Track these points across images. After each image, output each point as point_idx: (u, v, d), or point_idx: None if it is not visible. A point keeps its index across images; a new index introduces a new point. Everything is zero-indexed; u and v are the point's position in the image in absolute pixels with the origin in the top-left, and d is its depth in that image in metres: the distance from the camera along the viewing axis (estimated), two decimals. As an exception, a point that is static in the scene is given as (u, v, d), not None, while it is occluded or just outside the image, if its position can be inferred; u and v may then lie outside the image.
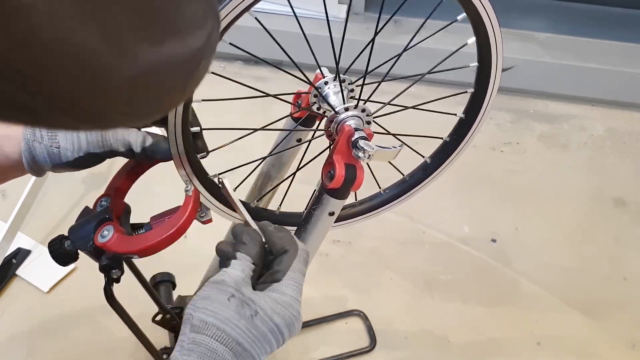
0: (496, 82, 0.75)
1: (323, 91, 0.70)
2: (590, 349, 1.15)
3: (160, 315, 0.95)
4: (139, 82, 0.28)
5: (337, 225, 0.82)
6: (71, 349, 1.10)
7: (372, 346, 1.15)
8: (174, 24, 0.29)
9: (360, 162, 0.64)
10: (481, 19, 0.68)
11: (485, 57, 0.73)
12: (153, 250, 0.64)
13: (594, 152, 1.62)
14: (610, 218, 1.43)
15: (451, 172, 0.86)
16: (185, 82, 0.32)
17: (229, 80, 0.68)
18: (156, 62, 0.28)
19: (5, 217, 1.25)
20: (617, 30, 1.85)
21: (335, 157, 0.64)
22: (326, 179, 0.66)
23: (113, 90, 0.28)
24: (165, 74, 0.30)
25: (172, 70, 0.30)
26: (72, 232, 0.67)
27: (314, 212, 0.68)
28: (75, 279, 1.22)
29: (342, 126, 0.65)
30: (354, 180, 0.64)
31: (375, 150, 0.61)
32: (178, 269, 1.02)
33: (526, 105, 1.78)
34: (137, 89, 0.29)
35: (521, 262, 1.31)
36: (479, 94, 0.77)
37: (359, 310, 1.20)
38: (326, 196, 0.67)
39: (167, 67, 0.29)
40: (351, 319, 1.19)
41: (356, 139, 0.63)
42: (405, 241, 1.34)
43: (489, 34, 0.69)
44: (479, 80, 0.76)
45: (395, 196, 0.85)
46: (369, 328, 1.17)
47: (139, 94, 0.29)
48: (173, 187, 0.76)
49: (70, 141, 0.63)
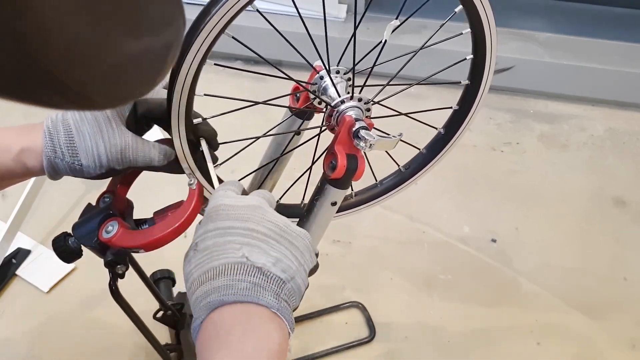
0: (489, 75, 0.76)
1: (322, 84, 0.70)
2: (590, 349, 1.15)
3: (162, 312, 0.95)
4: (120, 70, 0.33)
5: (338, 216, 0.84)
6: (71, 348, 1.10)
7: (372, 337, 1.15)
8: (152, 21, 0.34)
9: (361, 152, 0.66)
10: (477, 11, 0.68)
11: (479, 48, 0.73)
12: (159, 244, 0.64)
13: (593, 152, 1.62)
14: (610, 218, 1.43)
15: (451, 172, 0.86)
16: (157, 71, 0.37)
17: (229, 80, 0.68)
18: (136, 53, 0.33)
19: (5, 217, 1.25)
20: (617, 30, 1.85)
21: (336, 148, 0.65)
22: (328, 169, 0.67)
23: (97, 75, 0.32)
24: (142, 63, 0.35)
25: (148, 60, 0.35)
26: (76, 228, 0.67)
27: (316, 203, 0.70)
28: (75, 279, 1.22)
29: (343, 117, 0.66)
30: (355, 170, 0.66)
31: (377, 140, 0.63)
32: (178, 267, 1.02)
33: (526, 105, 1.78)
34: (118, 76, 0.33)
35: (521, 262, 1.31)
36: (473, 87, 0.78)
37: (357, 301, 1.20)
38: (328, 186, 0.68)
39: (144, 57, 0.34)
40: (350, 311, 1.20)
41: (357, 129, 0.64)
42: (405, 241, 1.34)
43: (484, 28, 0.70)
44: (473, 73, 0.77)
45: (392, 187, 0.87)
46: (367, 319, 1.18)
47: (119, 79, 0.34)
48: (175, 183, 0.77)
49: (92, 159, 0.63)
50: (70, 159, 0.63)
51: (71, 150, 0.62)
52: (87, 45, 0.30)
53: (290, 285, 0.52)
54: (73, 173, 0.64)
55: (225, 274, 0.50)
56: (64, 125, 0.63)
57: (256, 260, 0.51)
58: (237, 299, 0.49)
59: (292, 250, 0.54)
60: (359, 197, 0.87)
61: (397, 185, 0.86)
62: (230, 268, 0.50)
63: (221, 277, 0.50)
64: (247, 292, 0.50)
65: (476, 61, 0.75)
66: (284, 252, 0.53)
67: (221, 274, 0.50)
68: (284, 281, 0.51)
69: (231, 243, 0.52)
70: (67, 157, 0.63)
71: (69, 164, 0.63)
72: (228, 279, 0.50)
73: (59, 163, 0.63)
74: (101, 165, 0.64)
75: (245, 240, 0.52)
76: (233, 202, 0.56)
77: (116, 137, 0.63)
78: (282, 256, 0.53)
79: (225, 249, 0.52)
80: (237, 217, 0.54)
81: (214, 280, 0.50)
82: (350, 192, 0.85)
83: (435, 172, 0.86)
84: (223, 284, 0.50)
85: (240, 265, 0.50)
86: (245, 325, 0.49)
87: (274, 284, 0.51)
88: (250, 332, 0.48)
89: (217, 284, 0.50)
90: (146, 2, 0.32)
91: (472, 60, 0.76)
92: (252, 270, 0.50)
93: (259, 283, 0.50)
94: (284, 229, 0.54)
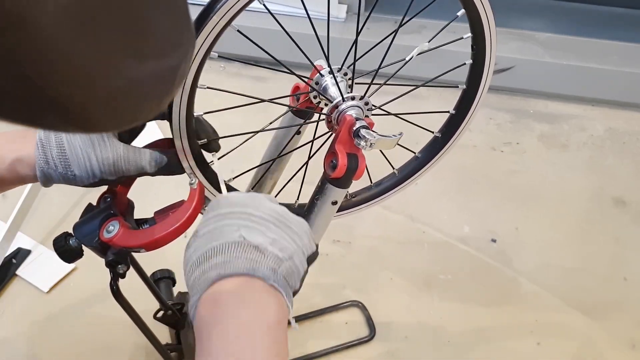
0: (487, 81, 0.76)
1: (322, 84, 0.71)
2: (590, 349, 1.15)
3: (162, 312, 0.96)
4: (122, 93, 0.31)
5: (338, 216, 0.84)
6: (71, 348, 1.10)
7: (372, 336, 1.15)
8: (158, 44, 0.32)
9: (361, 151, 0.66)
10: (479, 14, 0.68)
11: (479, 54, 0.73)
12: (160, 244, 0.64)
13: (593, 152, 1.62)
14: (610, 218, 1.43)
15: (451, 172, 0.86)
16: (162, 95, 0.36)
17: (229, 80, 0.69)
18: (139, 76, 0.32)
19: (5, 217, 1.25)
20: (617, 30, 1.85)
21: (337, 147, 0.66)
22: (329, 168, 0.67)
23: (100, 98, 0.31)
24: (146, 87, 0.33)
25: (152, 84, 0.34)
26: (77, 228, 0.67)
27: (317, 202, 0.70)
28: (75, 279, 1.22)
29: (343, 116, 0.67)
30: (356, 169, 0.66)
31: (377, 139, 0.63)
32: (178, 267, 1.02)
33: (526, 105, 1.78)
34: (120, 100, 0.32)
35: (521, 262, 1.31)
36: (470, 92, 0.78)
37: (357, 301, 1.20)
38: (329, 185, 0.68)
39: (148, 81, 0.33)
40: (350, 310, 1.20)
41: (358, 128, 0.64)
42: (405, 241, 1.34)
43: (485, 32, 0.70)
44: (471, 78, 0.76)
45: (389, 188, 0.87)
46: (367, 318, 1.18)
47: (121, 103, 0.32)
48: (175, 184, 0.77)
49: (85, 170, 0.64)
50: (63, 170, 0.64)
51: (63, 162, 0.63)
52: (90, 70, 0.29)
53: (288, 264, 0.53)
54: (66, 182, 0.65)
55: (222, 252, 0.51)
56: (56, 137, 0.63)
57: (253, 240, 0.52)
58: (233, 271, 0.51)
59: (290, 234, 0.55)
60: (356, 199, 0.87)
61: (391, 188, 0.87)
62: (228, 247, 0.52)
63: (218, 255, 0.51)
64: (244, 266, 0.51)
65: (475, 67, 0.75)
66: (281, 234, 0.54)
67: (219, 253, 0.52)
68: (281, 259, 0.52)
69: (229, 226, 0.53)
70: (60, 168, 0.63)
71: (62, 174, 0.64)
72: (225, 257, 0.51)
73: (52, 173, 0.64)
74: (94, 176, 0.65)
75: (244, 223, 0.53)
76: (234, 194, 0.58)
77: (107, 150, 0.64)
78: (280, 237, 0.54)
79: (223, 231, 0.53)
80: (236, 203, 0.55)
81: (212, 259, 0.52)
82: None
83: (435, 172, 0.86)
84: (220, 261, 0.51)
85: (238, 244, 0.52)
86: (241, 296, 0.50)
87: (271, 261, 0.52)
88: (247, 302, 0.50)
89: (214, 261, 0.51)
90: (153, 26, 0.32)
91: (471, 66, 0.76)
92: (249, 249, 0.52)
93: (256, 259, 0.51)
94: (282, 214, 0.56)
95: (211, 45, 0.60)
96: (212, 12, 0.57)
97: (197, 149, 0.69)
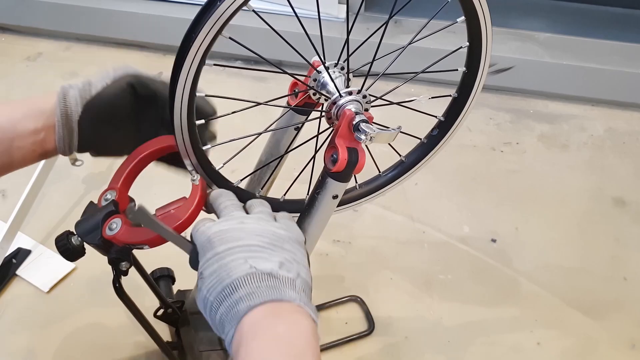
0: (487, 61, 0.77)
1: (320, 79, 0.71)
2: (590, 349, 1.15)
3: (162, 310, 0.96)
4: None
5: (339, 210, 0.85)
6: (71, 348, 1.10)
7: (371, 330, 1.15)
8: None
9: (361, 145, 0.67)
10: (476, 13, 0.69)
11: (474, 36, 0.74)
12: (163, 240, 0.64)
13: (593, 152, 1.62)
14: (610, 218, 1.43)
15: (451, 172, 0.86)
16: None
17: (229, 80, 0.69)
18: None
19: (5, 217, 1.25)
20: (617, 30, 1.85)
21: (337, 141, 0.66)
22: (329, 162, 0.68)
23: None
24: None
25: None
26: (79, 226, 0.67)
27: (318, 196, 0.70)
28: (75, 279, 1.22)
29: (343, 111, 0.67)
30: (356, 163, 0.67)
31: (377, 133, 0.63)
32: (177, 265, 1.02)
33: (526, 105, 1.78)
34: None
35: (521, 262, 1.31)
36: (470, 75, 0.79)
37: (356, 295, 1.20)
38: (330, 180, 0.69)
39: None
40: (349, 305, 1.20)
41: (357, 122, 0.65)
42: (405, 241, 1.34)
43: (478, 14, 0.71)
44: (470, 60, 0.78)
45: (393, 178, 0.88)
46: (367, 313, 1.18)
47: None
48: (175, 182, 0.77)
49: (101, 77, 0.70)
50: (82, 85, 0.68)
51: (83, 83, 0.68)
52: None
53: (299, 282, 0.55)
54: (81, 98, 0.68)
55: (243, 285, 0.53)
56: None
57: (264, 268, 0.54)
58: (262, 300, 0.52)
59: (286, 254, 0.57)
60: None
61: (397, 177, 0.87)
62: (245, 279, 0.53)
63: (240, 289, 0.53)
64: (268, 293, 0.52)
65: (472, 48, 0.76)
66: (282, 255, 0.57)
67: (240, 287, 0.53)
68: (293, 279, 0.55)
69: (235, 260, 0.55)
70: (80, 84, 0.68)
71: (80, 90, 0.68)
72: (248, 289, 0.53)
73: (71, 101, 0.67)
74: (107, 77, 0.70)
75: (248, 255, 0.55)
76: (219, 227, 0.59)
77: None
78: (282, 259, 0.56)
79: (232, 266, 0.54)
80: (230, 239, 0.57)
81: (234, 294, 0.53)
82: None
83: (435, 172, 0.87)
84: (244, 294, 0.52)
85: (252, 274, 0.53)
86: (275, 317, 0.52)
87: (288, 282, 0.54)
88: (281, 319, 0.52)
89: (239, 295, 0.53)
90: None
91: (468, 48, 0.77)
92: (264, 276, 0.54)
93: (274, 285, 0.53)
94: (272, 238, 0.58)
95: (205, 53, 0.60)
96: (206, 17, 0.58)
97: (199, 150, 0.70)
